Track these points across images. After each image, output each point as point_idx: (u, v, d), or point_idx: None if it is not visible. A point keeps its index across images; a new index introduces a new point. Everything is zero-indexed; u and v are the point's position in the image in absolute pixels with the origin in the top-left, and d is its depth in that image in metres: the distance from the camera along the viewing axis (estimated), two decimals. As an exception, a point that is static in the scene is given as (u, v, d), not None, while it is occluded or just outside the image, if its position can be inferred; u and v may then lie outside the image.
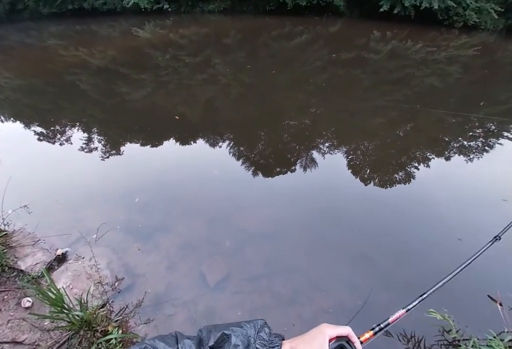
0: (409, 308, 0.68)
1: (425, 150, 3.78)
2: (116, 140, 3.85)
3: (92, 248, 2.05)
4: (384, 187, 3.02)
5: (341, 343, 0.48)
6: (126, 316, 1.72)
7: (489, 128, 4.60)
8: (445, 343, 1.61)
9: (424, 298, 0.71)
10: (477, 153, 3.87)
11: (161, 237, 2.19)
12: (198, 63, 6.95)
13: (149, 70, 6.52)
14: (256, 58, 7.42)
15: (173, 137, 3.77)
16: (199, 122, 4.27)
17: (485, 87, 6.64)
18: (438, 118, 4.76)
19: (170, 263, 1.99)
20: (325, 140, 3.85)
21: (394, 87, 6.06)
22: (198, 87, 5.47)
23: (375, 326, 0.61)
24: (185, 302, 1.77)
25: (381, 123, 4.50)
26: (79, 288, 1.88)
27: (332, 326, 0.49)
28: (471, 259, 0.91)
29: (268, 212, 2.48)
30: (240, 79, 5.85)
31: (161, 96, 5.14)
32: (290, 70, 6.48)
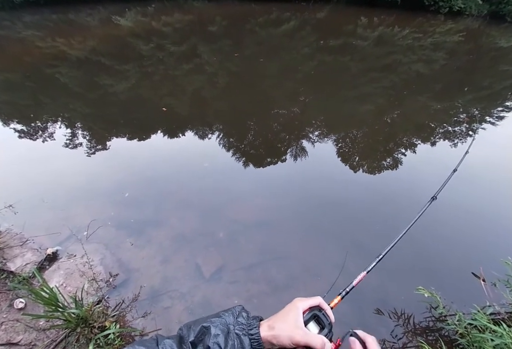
0: (368, 269, 0.71)
1: (412, 136, 3.78)
2: (101, 134, 3.65)
3: (83, 246, 1.97)
4: (372, 174, 3.02)
5: (314, 313, 0.49)
6: (123, 311, 1.68)
7: (472, 113, 4.63)
8: (433, 319, 1.66)
9: (380, 258, 0.75)
10: (461, 137, 3.91)
11: (154, 231, 2.13)
12: (183, 52, 6.59)
13: (132, 60, 6.13)
14: (243, 46, 7.09)
15: (160, 130, 3.61)
16: (187, 113, 4.09)
17: (469, 72, 6.64)
18: (423, 105, 4.75)
19: (165, 256, 1.94)
20: (315, 129, 3.78)
21: (382, 74, 5.96)
22: (184, 77, 5.21)
23: (341, 291, 0.62)
24: (181, 294, 1.74)
25: (369, 110, 4.45)
26: (73, 286, 1.82)
27: (303, 299, 0.50)
28: (414, 219, 1.01)
29: (259, 201, 2.44)
30: (228, 68, 5.60)
31: (146, 87, 4.87)
32: (278, 57, 6.25)
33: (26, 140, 3.57)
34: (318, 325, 0.49)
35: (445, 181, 1.36)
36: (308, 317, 0.48)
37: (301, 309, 0.48)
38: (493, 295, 1.63)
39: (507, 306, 1.59)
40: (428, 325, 1.64)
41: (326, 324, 0.49)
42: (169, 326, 1.59)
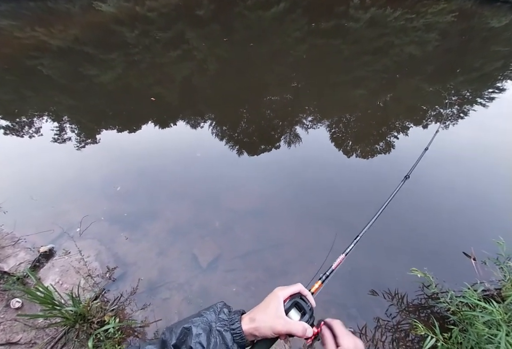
0: (347, 252, 0.69)
1: (404, 120, 3.66)
2: (90, 127, 3.42)
3: (77, 242, 1.87)
4: (366, 158, 2.93)
5: (295, 300, 0.48)
6: (121, 305, 1.63)
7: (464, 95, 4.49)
8: (425, 297, 1.66)
9: (358, 240, 0.74)
10: (452, 119, 3.80)
11: (149, 224, 2.03)
12: (171, 39, 6.12)
13: (117, 48, 5.67)
14: (232, 30, 6.60)
15: (150, 120, 3.39)
16: (177, 102, 3.84)
17: (461, 54, 6.38)
18: (416, 87, 4.57)
19: (161, 249, 1.87)
20: (308, 114, 3.60)
21: (375, 57, 5.67)
22: (172, 64, 4.85)
23: (321, 276, 0.61)
24: (179, 284, 1.69)
25: (361, 94, 4.26)
26: (69, 283, 1.75)
27: (284, 288, 0.49)
28: (389, 198, 1.00)
29: (254, 189, 2.34)
30: (217, 53, 5.22)
31: (133, 76, 4.53)
32: (268, 42, 5.85)
33: (11, 135, 3.32)
34: (300, 311, 0.48)
35: (417, 159, 1.30)
36: (289, 305, 0.47)
37: (282, 298, 0.47)
38: (483, 274, 1.62)
39: (496, 283, 1.59)
40: (420, 303, 1.64)
41: (307, 310, 0.48)
42: (168, 317, 1.55)
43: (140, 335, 1.49)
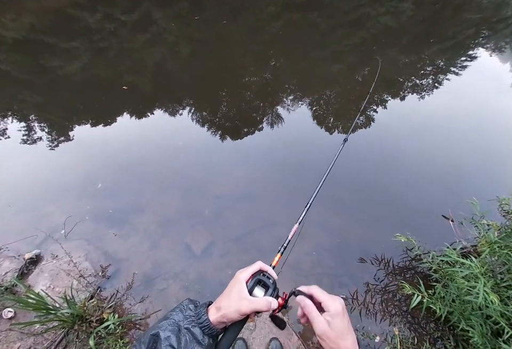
0: (300, 220, 0.68)
1: (382, 93, 3.50)
2: (61, 124, 3.04)
3: (63, 245, 1.71)
4: (346, 133, 2.81)
5: (256, 278, 0.47)
6: (119, 301, 1.54)
7: (438, 65, 4.33)
8: (409, 259, 1.68)
9: (308, 207, 0.73)
10: (427, 90, 3.68)
11: (136, 218, 1.88)
12: (137, 21, 5.36)
13: (79, 35, 4.93)
14: (203, 7, 5.86)
15: (126, 111, 3.04)
16: (151, 90, 3.45)
17: (434, 23, 6.07)
18: (393, 59, 4.34)
19: (152, 241, 1.75)
20: (288, 94, 3.36)
21: (351, 30, 5.28)
22: (142, 49, 4.29)
23: (280, 248, 0.60)
24: (175, 274, 1.61)
25: (340, 69, 4.00)
26: (61, 287, 1.62)
27: (244, 270, 0.48)
28: (332, 163, 0.97)
29: (241, 173, 2.21)
30: (189, 34, 4.64)
31: (101, 65, 3.99)
32: (242, 18, 5.27)
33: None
34: (263, 288, 0.47)
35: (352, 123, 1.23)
36: (252, 284, 0.46)
37: (243, 280, 0.46)
38: (461, 233, 1.64)
39: (472, 241, 1.62)
40: (405, 265, 1.66)
41: (270, 285, 0.47)
42: (168, 306, 1.49)
43: (142, 327, 1.43)
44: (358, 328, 1.39)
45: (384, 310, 1.47)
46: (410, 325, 1.42)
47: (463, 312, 1.35)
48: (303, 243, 1.75)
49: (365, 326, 1.41)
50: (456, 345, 1.34)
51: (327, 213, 1.91)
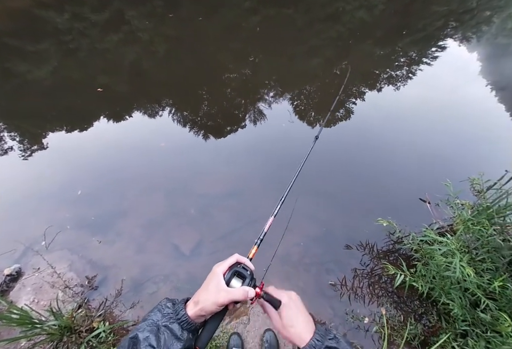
0: (275, 213, 0.67)
1: (360, 85, 3.57)
2: (34, 132, 2.85)
3: (45, 256, 1.62)
4: (328, 127, 2.85)
5: (233, 270, 0.48)
6: (108, 308, 1.49)
7: (411, 56, 4.47)
8: (392, 242, 1.74)
9: (283, 201, 0.72)
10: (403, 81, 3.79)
11: (120, 222, 1.81)
12: (109, 20, 5.10)
13: (47, 37, 4.62)
14: (177, 4, 5.66)
15: (102, 114, 2.90)
16: (128, 91, 3.31)
17: (405, 16, 6.24)
18: (368, 52, 4.43)
19: (139, 245, 1.69)
20: (269, 90, 3.35)
21: (328, 24, 5.32)
22: (116, 49, 4.09)
23: (256, 240, 0.61)
24: (165, 276, 1.57)
25: (319, 63, 4.03)
26: (46, 300, 1.54)
27: (220, 263, 0.48)
28: (304, 160, 0.94)
29: (226, 171, 2.18)
30: (164, 32, 4.48)
31: (73, 68, 3.77)
32: (218, 15, 5.15)
33: None
34: (240, 278, 0.48)
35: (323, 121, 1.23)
36: (229, 276, 0.47)
37: (220, 273, 0.46)
38: (437, 214, 1.72)
39: (448, 220, 1.70)
40: (389, 248, 1.72)
41: (247, 275, 0.47)
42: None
43: (133, 332, 1.39)
44: (348, 312, 1.44)
45: (371, 293, 1.52)
46: (396, 305, 1.49)
47: (443, 288, 1.42)
48: (291, 236, 1.76)
49: (354, 309, 1.45)
50: (439, 319, 1.42)
51: (312, 205, 1.93)
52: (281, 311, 0.45)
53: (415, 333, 1.36)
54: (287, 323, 0.44)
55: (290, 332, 0.43)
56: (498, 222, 1.49)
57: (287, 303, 0.46)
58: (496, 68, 4.86)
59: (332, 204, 1.96)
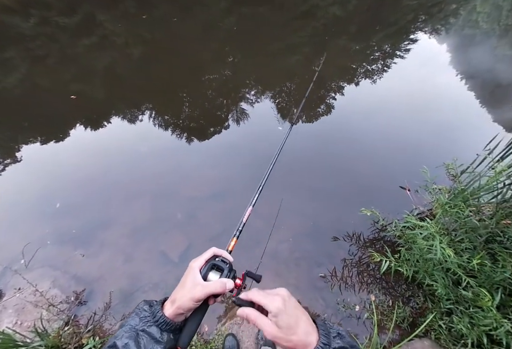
0: (253, 203, 0.66)
1: (339, 80, 3.64)
2: (5, 146, 2.68)
3: (25, 275, 1.52)
4: (311, 122, 2.88)
5: (210, 263, 0.46)
6: (97, 323, 1.43)
7: (385, 50, 4.60)
8: (377, 230, 1.79)
9: (260, 190, 0.70)
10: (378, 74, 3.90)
11: (104, 233, 1.74)
12: (79, 24, 4.87)
13: (13, 44, 4.35)
14: (151, 5, 5.50)
15: (79, 122, 2.77)
16: (105, 97, 3.18)
17: (378, 10, 6.41)
18: (344, 47, 4.51)
19: (125, 255, 1.64)
20: (250, 88, 3.33)
21: (303, 21, 5.36)
22: (89, 54, 3.92)
23: (235, 232, 0.60)
24: (154, 284, 1.53)
25: (298, 60, 4.06)
26: (29, 321, 1.46)
27: (197, 258, 0.47)
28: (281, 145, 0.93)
29: (212, 173, 2.15)
30: (139, 34, 4.34)
31: (43, 75, 3.57)
32: (193, 15, 5.06)
33: None
34: (218, 271, 0.46)
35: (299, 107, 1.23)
36: (206, 269, 0.45)
37: (197, 268, 0.45)
38: (417, 200, 1.78)
39: (428, 205, 1.77)
40: (374, 237, 1.77)
41: (224, 267, 0.46)
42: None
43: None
44: (339, 302, 1.46)
45: (360, 281, 1.56)
46: (385, 290, 1.53)
47: (427, 270, 1.48)
48: (279, 233, 1.77)
49: (345, 298, 1.48)
50: (425, 300, 1.48)
51: (297, 201, 1.95)
52: (277, 318, 0.38)
53: (403, 316, 1.41)
54: (288, 330, 0.38)
55: (292, 342, 0.38)
56: (473, 203, 1.56)
57: (283, 306, 0.39)
58: (465, 58, 5.10)
59: (317, 199, 1.98)
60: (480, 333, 1.25)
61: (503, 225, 1.40)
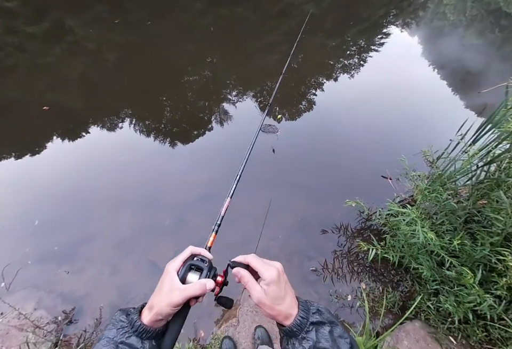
0: (231, 194, 0.62)
1: (318, 76, 3.68)
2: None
3: (6, 299, 1.44)
4: (293, 119, 2.90)
5: (188, 264, 0.43)
6: (88, 341, 1.37)
7: (360, 45, 4.70)
8: (363, 220, 1.82)
9: (238, 180, 0.67)
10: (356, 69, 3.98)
11: (88, 247, 1.67)
12: (48, 32, 4.64)
13: (-24, 55, 4.09)
14: (123, 10, 5.32)
15: (55, 134, 2.63)
16: (80, 106, 3.05)
17: (350, 7, 6.53)
18: (320, 44, 4.57)
19: (112, 268, 1.58)
20: (231, 89, 3.30)
21: (279, 20, 5.37)
22: (60, 62, 3.73)
23: (214, 226, 0.56)
24: (145, 295, 1.48)
25: (276, 59, 4.06)
26: (15, 346, 1.37)
27: (173, 260, 0.44)
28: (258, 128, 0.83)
29: (198, 176, 2.11)
30: (112, 40, 4.19)
31: (12, 87, 3.37)
32: (168, 18, 4.95)
33: None
34: (197, 271, 0.44)
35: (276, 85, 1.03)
36: (183, 271, 0.42)
37: (173, 271, 0.42)
38: (399, 188, 1.83)
39: (409, 192, 1.82)
40: (361, 227, 1.80)
41: (203, 267, 0.43)
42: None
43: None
44: (332, 293, 1.48)
45: (351, 271, 1.59)
46: (374, 277, 1.56)
47: (412, 254, 1.52)
48: (269, 231, 1.76)
49: (337, 289, 1.50)
50: (413, 283, 1.52)
51: (284, 198, 1.95)
52: (268, 287, 0.40)
53: (394, 300, 1.44)
54: (275, 301, 0.39)
55: (276, 310, 0.39)
56: (451, 187, 1.62)
57: (275, 279, 0.40)
58: (435, 49, 5.31)
59: (303, 194, 2.00)
60: (465, 310, 1.30)
61: (479, 205, 1.46)
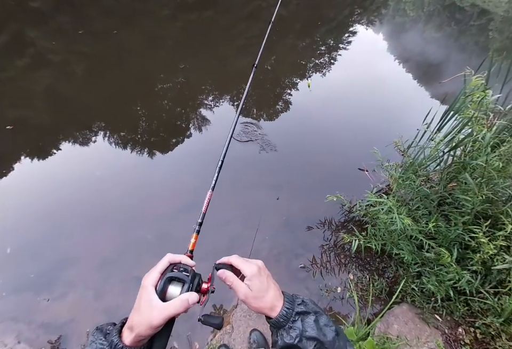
0: (213, 185, 0.59)
1: (291, 76, 3.74)
2: None
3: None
4: (272, 120, 2.92)
5: (166, 277, 0.40)
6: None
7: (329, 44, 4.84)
8: (346, 213, 1.87)
9: (219, 171, 0.63)
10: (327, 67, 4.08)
11: (68, 271, 1.56)
12: (7, 45, 4.32)
13: None
14: (88, 19, 5.07)
15: (22, 154, 2.45)
16: (48, 122, 2.86)
17: (317, 7, 6.70)
18: (291, 45, 4.65)
19: (96, 290, 1.49)
20: (207, 94, 3.26)
21: (249, 23, 5.40)
22: (23, 76, 3.49)
23: (195, 226, 0.52)
24: (135, 313, 1.41)
25: (249, 61, 4.08)
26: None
27: (149, 273, 0.41)
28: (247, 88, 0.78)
29: (179, 186, 2.06)
30: (78, 50, 3.97)
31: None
32: (136, 25, 4.79)
33: None
34: (178, 282, 0.40)
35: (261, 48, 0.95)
36: (162, 285, 0.39)
37: (150, 286, 0.39)
38: (375, 179, 1.89)
39: (386, 182, 1.89)
40: (344, 219, 1.85)
41: (184, 278, 0.40)
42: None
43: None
44: (322, 288, 1.50)
45: (339, 263, 1.62)
46: (361, 267, 1.60)
47: (393, 241, 1.57)
48: (259, 233, 1.75)
49: (327, 283, 1.52)
50: (396, 268, 1.58)
51: (267, 199, 1.95)
52: (250, 282, 0.41)
53: (381, 287, 1.48)
54: (258, 293, 0.40)
55: (262, 302, 0.40)
56: (423, 173, 1.70)
57: (256, 273, 0.42)
58: (399, 44, 5.59)
59: (285, 193, 2.01)
60: (446, 288, 1.37)
61: (449, 188, 1.54)
